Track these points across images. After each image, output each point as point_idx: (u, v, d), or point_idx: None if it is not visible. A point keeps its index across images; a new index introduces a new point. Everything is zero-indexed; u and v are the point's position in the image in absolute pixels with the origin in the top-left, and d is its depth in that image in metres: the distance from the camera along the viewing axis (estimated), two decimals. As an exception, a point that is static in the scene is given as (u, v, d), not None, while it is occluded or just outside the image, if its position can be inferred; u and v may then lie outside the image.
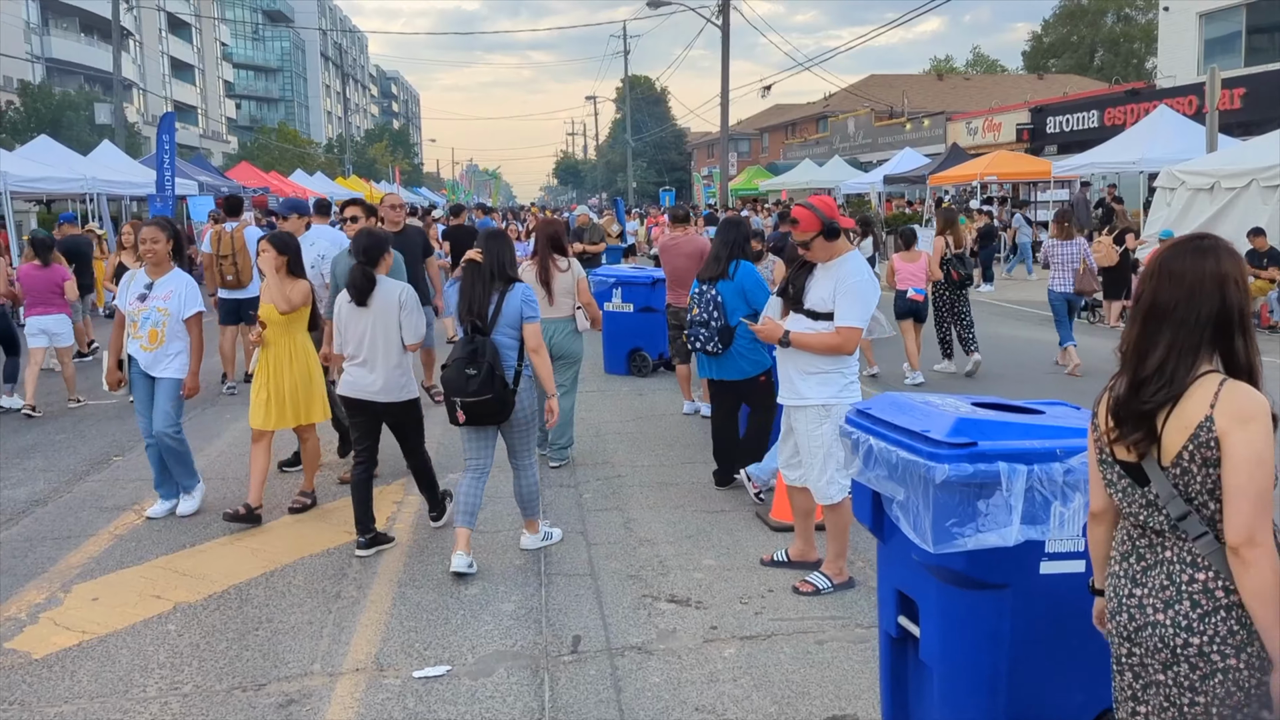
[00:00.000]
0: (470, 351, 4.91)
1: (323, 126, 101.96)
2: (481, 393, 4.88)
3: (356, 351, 5.33)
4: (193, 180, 26.54)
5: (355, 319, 5.34)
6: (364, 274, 5.29)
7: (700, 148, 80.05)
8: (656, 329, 11.22)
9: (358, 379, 5.34)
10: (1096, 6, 74.19)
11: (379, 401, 5.36)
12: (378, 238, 5.47)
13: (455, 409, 4.96)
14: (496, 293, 5.04)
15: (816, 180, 38.40)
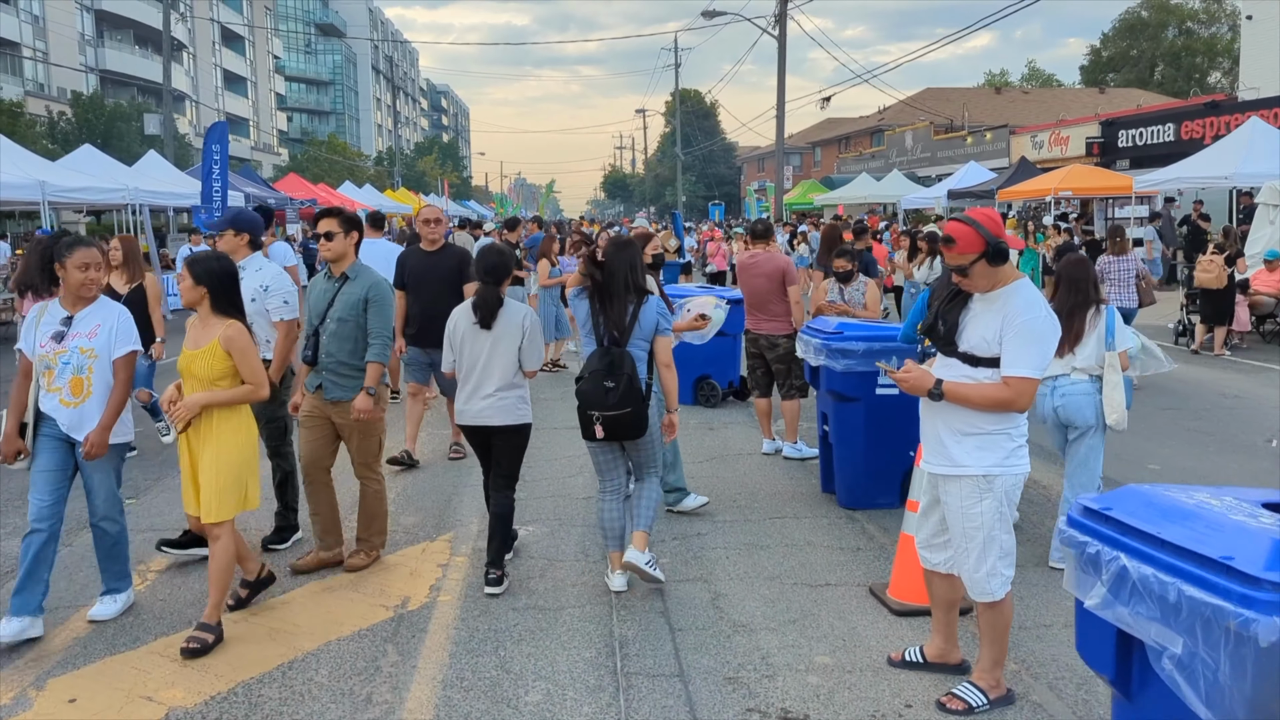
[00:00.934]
0: (608, 363, 4.77)
1: (373, 139, 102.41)
2: (621, 406, 4.74)
3: (469, 375, 5.16)
4: (239, 191, 26.04)
5: (474, 340, 5.15)
6: (493, 295, 5.12)
7: (750, 162, 79.10)
8: (726, 355, 10.27)
9: (468, 405, 5.17)
10: (1157, 20, 72.69)
11: (491, 425, 5.14)
12: (504, 256, 5.26)
13: (593, 423, 4.81)
14: (631, 304, 4.88)
15: (874, 195, 37.28)
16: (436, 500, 6.85)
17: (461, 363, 5.16)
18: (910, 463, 5.03)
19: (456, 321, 5.20)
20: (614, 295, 4.88)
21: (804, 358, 6.83)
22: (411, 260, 7.76)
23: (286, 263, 15.46)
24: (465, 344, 5.14)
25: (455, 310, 5.30)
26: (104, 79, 50.93)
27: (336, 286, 5.32)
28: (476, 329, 5.10)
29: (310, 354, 5.30)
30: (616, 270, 4.91)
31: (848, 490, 6.57)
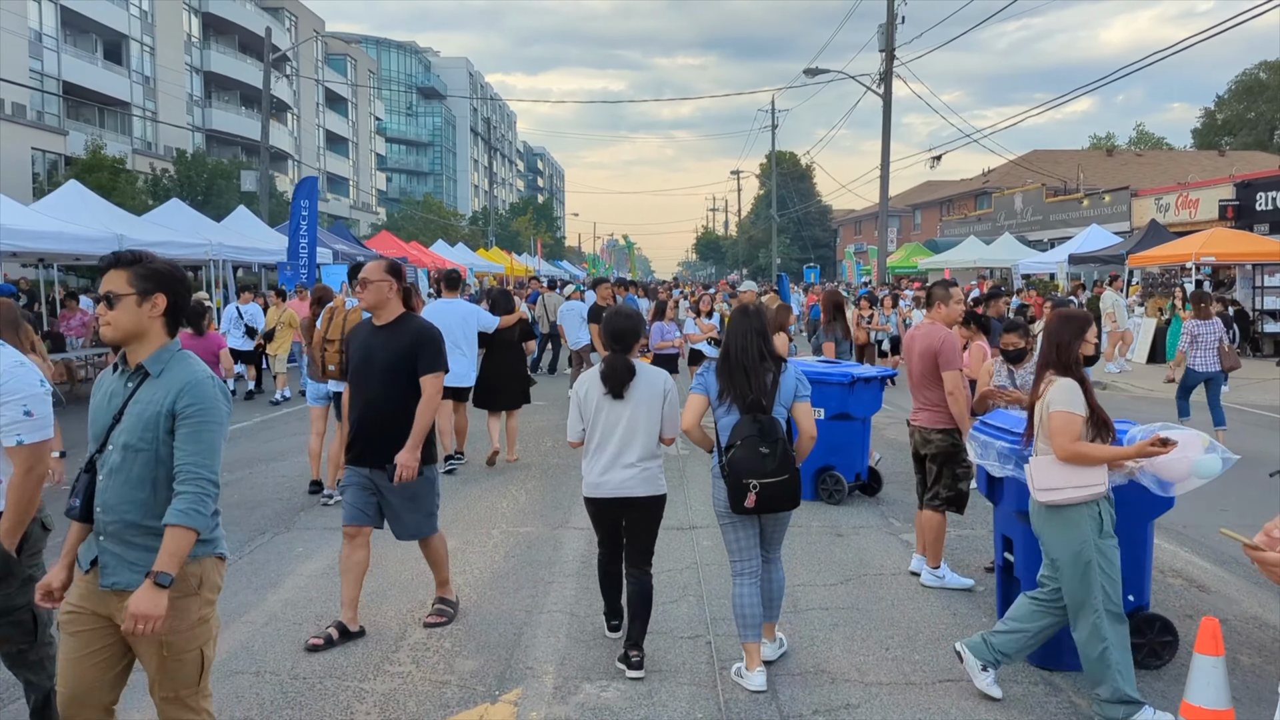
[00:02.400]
0: (759, 429, 4.63)
1: (469, 200, 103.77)
2: (780, 473, 4.61)
3: (604, 444, 4.91)
4: (328, 248, 25.55)
5: (609, 409, 4.93)
6: (622, 363, 4.89)
7: (847, 224, 77.58)
8: (854, 441, 8.75)
9: (609, 477, 4.89)
10: (1277, 81, 69.93)
11: (634, 497, 4.89)
12: (633, 320, 4.97)
13: (746, 492, 4.59)
14: (769, 371, 4.76)
15: (985, 259, 35.36)
16: (503, 635, 5.46)
17: (594, 432, 4.92)
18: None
19: (587, 389, 4.96)
20: (749, 364, 4.73)
21: (980, 463, 5.31)
22: (354, 341, 5.53)
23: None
24: (599, 413, 4.91)
25: (584, 375, 5.05)
26: (209, 138, 52.09)
27: (130, 388, 3.20)
28: (610, 398, 4.89)
29: (79, 504, 3.20)
30: (748, 338, 4.77)
31: (1043, 643, 4.99)
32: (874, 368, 9.05)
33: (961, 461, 6.26)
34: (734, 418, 4.74)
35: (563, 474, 9.82)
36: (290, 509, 8.29)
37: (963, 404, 6.17)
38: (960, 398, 6.18)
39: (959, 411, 6.18)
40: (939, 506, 6.35)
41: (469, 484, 9.38)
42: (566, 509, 8.38)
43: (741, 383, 4.72)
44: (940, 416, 6.32)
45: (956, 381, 6.22)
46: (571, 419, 5.04)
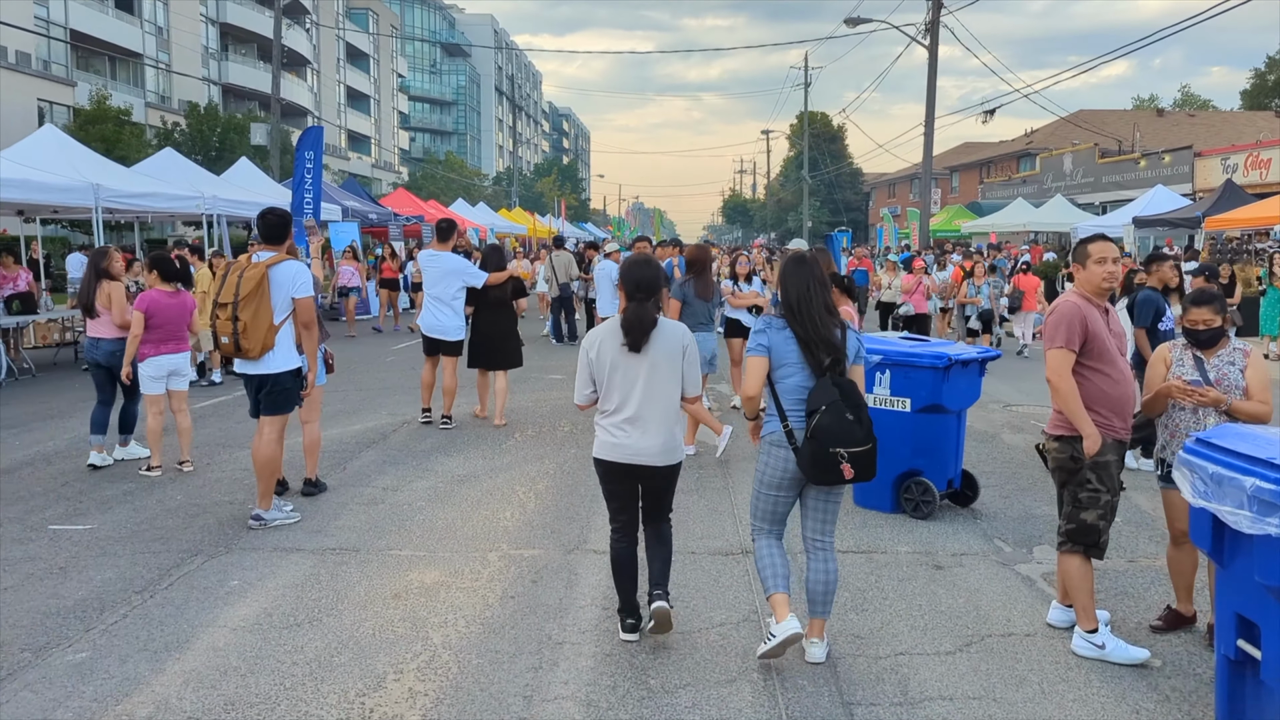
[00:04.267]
0: (840, 393, 4.22)
1: (493, 160, 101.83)
2: (867, 441, 4.21)
3: (623, 405, 4.47)
4: (336, 204, 23.87)
5: (626, 366, 4.48)
6: (646, 313, 4.41)
7: (880, 187, 75.22)
8: (946, 440, 7.00)
9: (626, 440, 4.46)
10: (1335, 39, 66.76)
11: (654, 465, 4.48)
12: (653, 267, 4.54)
13: (839, 462, 4.16)
14: (836, 326, 4.33)
15: (1035, 222, 33.29)
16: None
17: (610, 392, 4.52)
18: None
19: (600, 343, 4.54)
20: (815, 318, 4.30)
21: (1197, 503, 3.55)
22: None
23: None
24: (614, 371, 4.51)
25: (595, 330, 4.64)
26: (226, 92, 50.41)
27: None
28: (626, 353, 4.48)
29: None
30: (810, 289, 4.35)
31: None
32: (974, 347, 7.27)
33: (1084, 483, 4.55)
34: (802, 379, 4.29)
35: (581, 471, 8.14)
36: (239, 517, 6.65)
37: (1066, 395, 4.50)
38: (1062, 388, 4.51)
39: (1065, 408, 4.52)
40: (1069, 547, 4.65)
41: (465, 484, 7.72)
42: (584, 522, 6.70)
43: (813, 337, 4.26)
44: (1057, 419, 4.66)
45: (1057, 365, 4.54)
46: (580, 379, 4.60)
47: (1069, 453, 4.59)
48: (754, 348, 4.38)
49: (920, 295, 14.45)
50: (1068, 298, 4.68)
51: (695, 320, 8.66)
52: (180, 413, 8.11)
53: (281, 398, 6.37)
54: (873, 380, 7.00)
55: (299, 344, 6.43)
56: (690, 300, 8.78)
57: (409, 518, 6.74)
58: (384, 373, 13.91)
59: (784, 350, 4.31)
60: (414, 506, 7.01)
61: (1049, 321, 4.67)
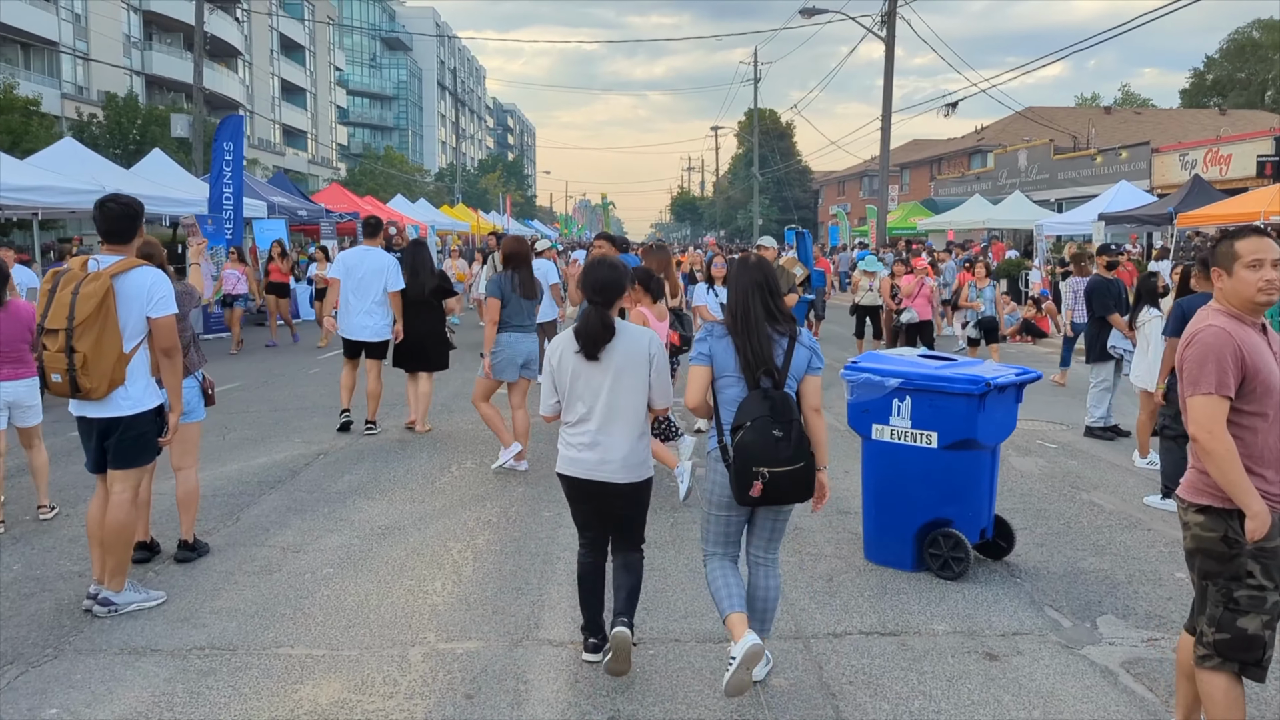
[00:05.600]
0: (770, 407, 3.87)
1: (436, 156, 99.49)
2: (795, 460, 3.85)
3: (586, 416, 4.21)
4: (261, 200, 22.11)
5: (587, 375, 4.21)
6: (602, 321, 4.15)
7: (830, 184, 74.57)
8: (980, 482, 5.72)
9: (589, 455, 4.20)
10: (1270, 41, 67.88)
11: (617, 483, 4.19)
12: (616, 270, 4.30)
13: (754, 481, 3.84)
14: (780, 335, 4.00)
15: (995, 219, 32.42)
16: None
17: (572, 402, 4.23)
18: None
19: (560, 354, 4.26)
20: (754, 327, 3.97)
21: None
22: None
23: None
24: (576, 379, 4.22)
25: (559, 337, 4.31)
26: (149, 83, 47.98)
27: None
28: (583, 361, 4.19)
29: None
30: (749, 295, 4.02)
31: None
32: (1011, 368, 5.99)
33: (1242, 576, 3.27)
34: (739, 392, 4.02)
35: (531, 518, 6.75)
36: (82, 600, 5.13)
37: (1223, 460, 3.22)
38: (1216, 450, 3.23)
39: (1221, 477, 3.23)
40: (1208, 660, 3.35)
41: (387, 540, 6.28)
42: (535, 595, 5.31)
43: (748, 349, 3.97)
44: (1201, 481, 3.36)
45: (1206, 418, 3.26)
46: (545, 388, 4.36)
47: (1221, 532, 3.29)
48: (695, 356, 4.08)
49: (924, 299, 12.81)
50: (1211, 320, 3.37)
51: (516, 321, 7.88)
52: (33, 449, 6.55)
53: (136, 447, 4.86)
54: (888, 409, 5.70)
55: (158, 375, 4.92)
56: (509, 297, 7.79)
57: (310, 593, 5.28)
58: (305, 387, 12.35)
59: (724, 360, 4.02)
60: (319, 576, 5.55)
61: (1188, 357, 3.36)
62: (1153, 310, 8.33)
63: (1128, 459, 8.72)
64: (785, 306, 4.12)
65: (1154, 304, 8.38)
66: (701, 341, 4.08)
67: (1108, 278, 9.74)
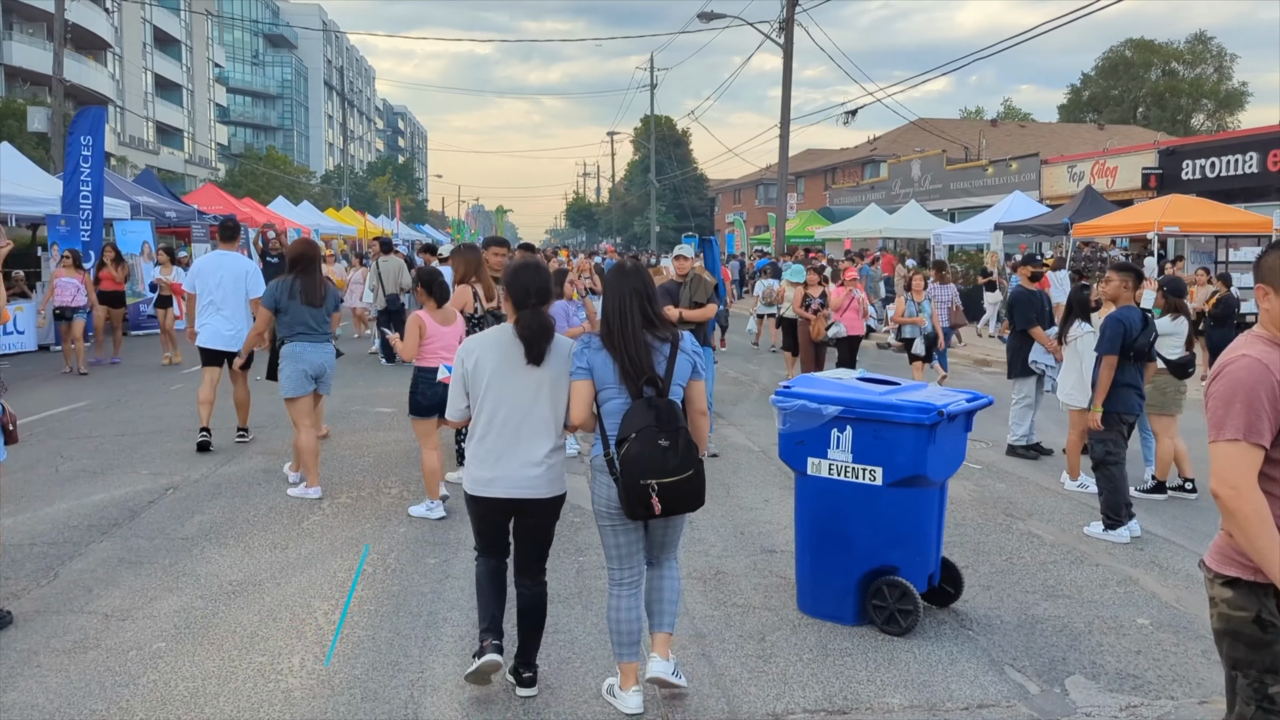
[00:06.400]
0: (655, 416, 3.77)
1: (323, 158, 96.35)
2: (684, 469, 3.78)
3: (500, 428, 3.99)
4: (124, 200, 20.46)
5: (508, 382, 4.00)
6: (546, 321, 4.00)
7: (725, 192, 74.78)
8: (928, 523, 5.05)
9: (503, 469, 3.98)
10: (1141, 59, 70.97)
11: (535, 498, 4.01)
12: (545, 272, 4.16)
13: (649, 495, 3.72)
14: (662, 342, 3.90)
15: (891, 228, 32.60)
16: None
17: (484, 410, 4.00)
18: None
19: (477, 358, 4.02)
20: (631, 336, 3.85)
21: None
22: None
23: None
24: (495, 387, 3.99)
25: (473, 341, 4.14)
26: (9, 75, 44.85)
27: None
28: (514, 367, 4.00)
29: None
30: (628, 304, 3.91)
31: None
32: (962, 393, 5.32)
33: (1279, 668, 2.64)
34: (621, 403, 3.86)
35: (413, 567, 5.84)
36: None
37: (1248, 522, 2.57)
38: (1241, 510, 2.58)
39: (1248, 544, 2.59)
40: None
41: (238, 600, 5.29)
42: (415, 672, 4.41)
43: (627, 358, 3.83)
44: (1230, 547, 2.70)
45: (1231, 470, 2.61)
46: (454, 392, 4.08)
47: (1253, 611, 2.63)
48: (575, 371, 3.94)
49: (854, 312, 12.01)
50: (1247, 350, 2.70)
51: (305, 329, 7.26)
52: None
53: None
54: (826, 440, 4.98)
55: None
56: (287, 306, 7.19)
57: (133, 678, 4.27)
58: (164, 406, 11.09)
59: (604, 371, 3.92)
60: (147, 653, 4.54)
61: (1214, 393, 2.68)
62: (1084, 325, 7.86)
63: (1055, 480, 8.25)
64: (664, 313, 4.06)
65: (1085, 318, 7.91)
66: (579, 355, 3.94)
67: (1031, 289, 9.30)
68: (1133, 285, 6.96)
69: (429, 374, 6.72)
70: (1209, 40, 71.58)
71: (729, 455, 9.11)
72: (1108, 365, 6.66)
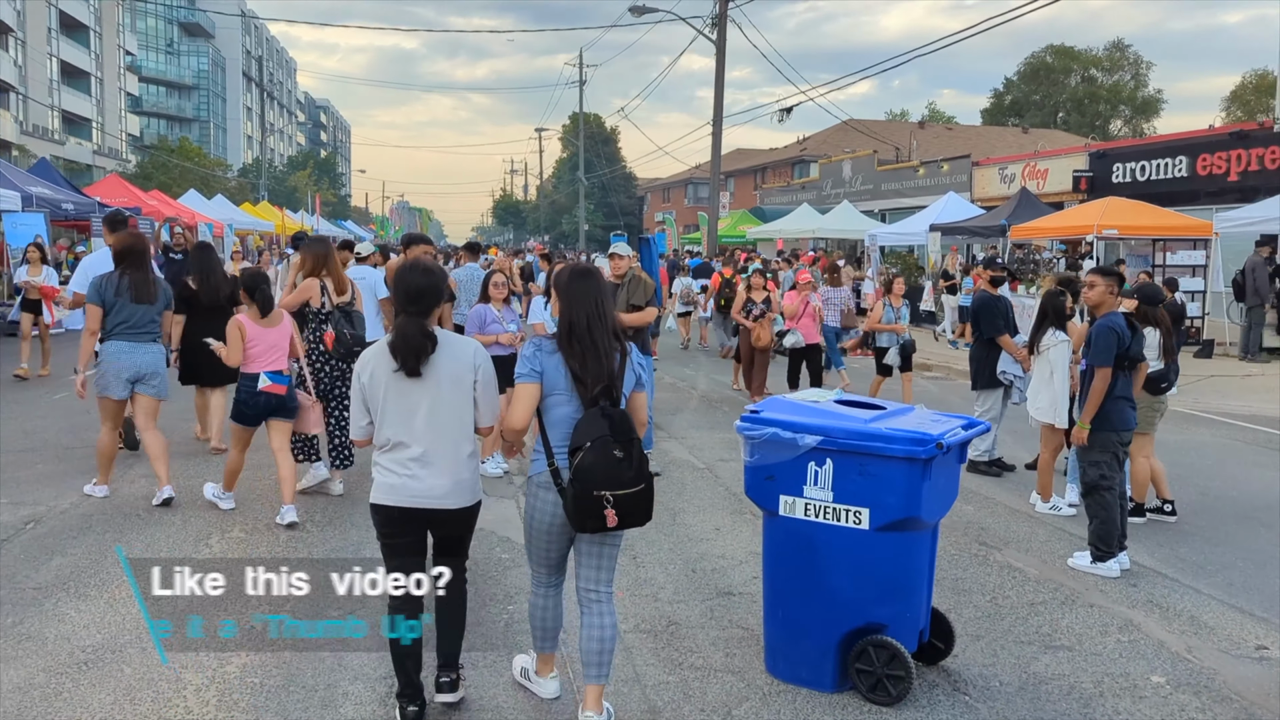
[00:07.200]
0: (610, 426, 3.64)
1: (241, 151, 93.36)
2: (638, 481, 3.66)
3: (405, 439, 3.78)
4: (16, 191, 18.96)
5: (404, 393, 3.78)
6: (417, 330, 3.72)
7: (655, 191, 74.20)
8: (920, 572, 4.34)
9: (410, 481, 3.77)
10: (1061, 65, 72.43)
11: (445, 509, 3.81)
12: (432, 275, 3.88)
13: (603, 507, 3.59)
14: (616, 350, 3.78)
15: (824, 229, 32.25)
16: None
17: (391, 423, 3.78)
18: None
19: (372, 369, 3.81)
20: (594, 341, 3.73)
21: None
22: None
23: None
24: (393, 398, 3.77)
25: (367, 352, 3.89)
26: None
27: None
28: (401, 377, 3.74)
29: None
30: (589, 308, 3.77)
31: None
32: (958, 418, 4.58)
33: None
34: (571, 410, 3.72)
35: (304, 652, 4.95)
36: None
37: None
38: None
39: None
40: None
41: (89, 673, 4.36)
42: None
43: (585, 365, 3.69)
44: None
45: None
46: (354, 409, 3.90)
47: None
48: (524, 373, 3.75)
49: (810, 319, 11.18)
50: None
51: (128, 328, 6.75)
52: None
53: None
54: (801, 476, 4.23)
55: None
56: (113, 303, 6.70)
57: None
58: (41, 419, 9.91)
59: (555, 377, 3.75)
60: (-42, 755, 3.61)
61: None
62: (1059, 334, 7.26)
63: (1025, 502, 7.64)
64: (619, 320, 3.97)
65: (1060, 326, 7.31)
66: (531, 358, 3.77)
67: (994, 295, 8.70)
68: (1117, 290, 6.36)
69: (250, 381, 6.43)
70: (1126, 48, 73.29)
71: (672, 473, 8.34)
72: (1101, 378, 6.02)
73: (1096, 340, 6.10)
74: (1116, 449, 6.07)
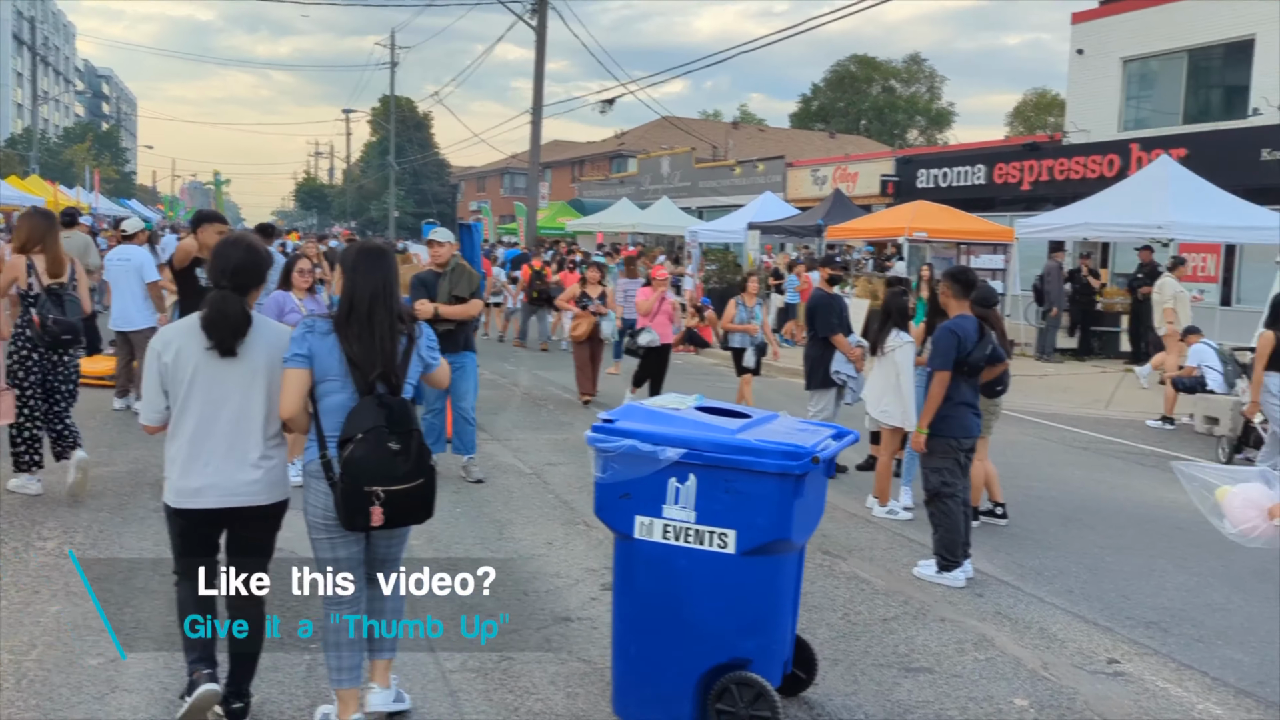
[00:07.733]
0: (387, 416, 3.41)
1: (9, 120, 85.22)
2: (414, 477, 3.45)
3: (208, 428, 3.49)
4: None
5: (213, 376, 3.50)
6: (233, 305, 3.48)
7: (469, 179, 72.65)
8: (785, 598, 3.92)
9: (214, 476, 3.48)
10: (864, 75, 75.67)
11: (255, 506, 3.55)
12: (255, 253, 3.64)
13: (369, 504, 3.36)
14: (401, 334, 3.56)
15: (644, 224, 32.10)
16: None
17: (194, 412, 3.48)
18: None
19: (177, 349, 3.50)
20: (374, 324, 3.48)
21: None
22: None
23: None
24: (200, 382, 3.49)
25: (168, 329, 3.66)
26: None
27: None
28: (214, 359, 3.48)
29: None
30: (374, 287, 3.53)
31: None
32: (828, 427, 4.17)
33: None
34: (345, 399, 3.47)
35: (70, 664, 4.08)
36: None
37: None
38: None
39: None
40: None
41: None
42: None
43: (367, 348, 3.45)
44: None
45: None
46: (148, 390, 3.54)
47: None
48: (292, 358, 3.47)
49: (665, 318, 10.66)
50: None
51: None
52: None
53: None
54: (661, 493, 3.73)
55: None
56: None
57: None
58: None
59: (327, 361, 3.47)
60: None
61: None
62: (903, 335, 7.09)
63: (860, 505, 7.45)
64: (400, 303, 3.69)
65: (903, 327, 7.14)
66: (300, 339, 3.51)
67: (830, 293, 8.51)
68: (964, 294, 6.19)
69: None
70: (923, 62, 77.10)
71: (497, 480, 7.71)
72: (939, 381, 5.83)
73: (936, 344, 5.92)
74: (958, 455, 5.90)
